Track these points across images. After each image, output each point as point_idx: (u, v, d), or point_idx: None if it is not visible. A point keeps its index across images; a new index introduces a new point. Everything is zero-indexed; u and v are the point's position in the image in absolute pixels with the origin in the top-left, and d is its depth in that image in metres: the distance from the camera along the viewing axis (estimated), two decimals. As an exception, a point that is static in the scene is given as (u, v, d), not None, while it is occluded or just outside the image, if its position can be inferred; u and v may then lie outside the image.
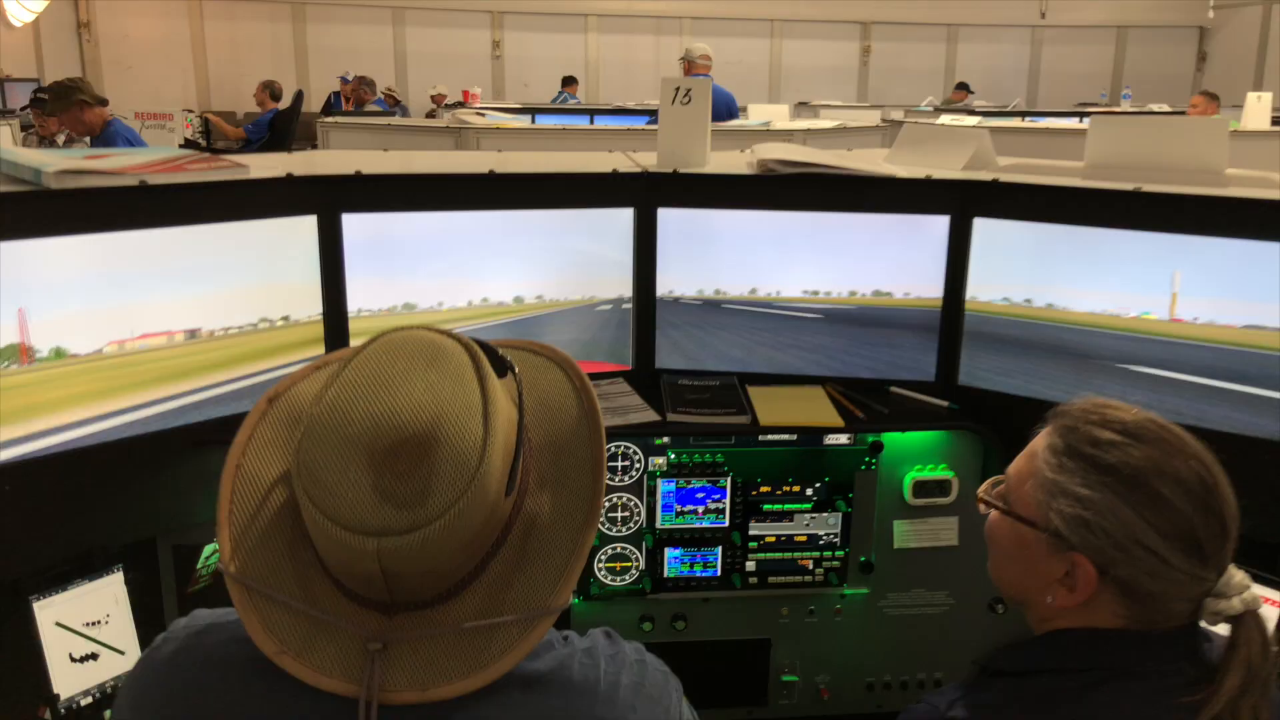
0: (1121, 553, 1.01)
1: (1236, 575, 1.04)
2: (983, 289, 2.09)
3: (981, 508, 1.17)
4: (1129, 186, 1.92)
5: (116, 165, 1.76)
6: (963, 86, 12.47)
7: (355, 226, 1.96)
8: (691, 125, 2.25)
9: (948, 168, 2.26)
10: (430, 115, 11.26)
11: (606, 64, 13.93)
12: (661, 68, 14.06)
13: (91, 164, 1.72)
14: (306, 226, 1.92)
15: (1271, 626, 1.18)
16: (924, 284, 2.13)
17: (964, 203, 2.08)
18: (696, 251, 2.16)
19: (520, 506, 0.97)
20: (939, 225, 2.10)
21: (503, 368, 0.98)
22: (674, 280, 2.18)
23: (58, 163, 1.67)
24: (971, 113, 8.19)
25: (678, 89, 2.24)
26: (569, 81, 12.36)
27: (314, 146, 8.95)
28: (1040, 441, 1.10)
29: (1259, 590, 1.67)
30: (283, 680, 0.91)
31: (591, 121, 6.64)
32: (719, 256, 2.16)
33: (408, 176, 2.03)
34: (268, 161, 2.07)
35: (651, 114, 6.82)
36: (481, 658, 0.92)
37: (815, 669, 2.17)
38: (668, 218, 2.15)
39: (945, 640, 2.17)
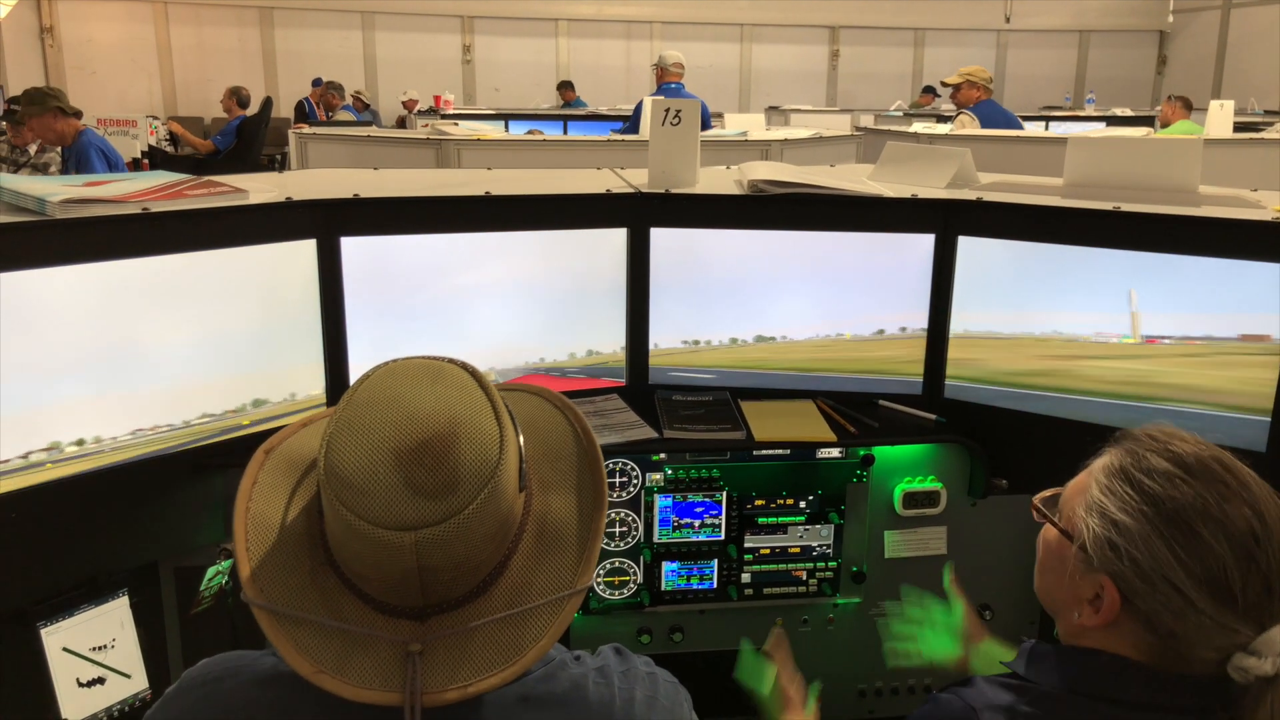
0: (1147, 585, 1.00)
1: None
2: (968, 316, 2.15)
3: (1035, 515, 1.17)
4: (1108, 206, 1.99)
5: (118, 192, 1.77)
6: (930, 90, 12.62)
7: (352, 247, 1.98)
8: (681, 146, 2.28)
9: (931, 186, 2.32)
10: (401, 120, 11.23)
11: (577, 68, 13.94)
12: (632, 72, 14.13)
13: (94, 192, 1.73)
14: (305, 249, 1.93)
15: None
16: (911, 303, 2.18)
17: (948, 221, 2.14)
18: (688, 272, 2.20)
19: (529, 507, 1.03)
20: (924, 243, 2.16)
21: None
22: (664, 297, 2.22)
23: (61, 191, 1.67)
24: (941, 118, 8.31)
25: (667, 110, 2.27)
26: (566, 86, 12.35)
27: (284, 154, 8.89)
28: (1101, 460, 1.11)
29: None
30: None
31: (565, 130, 6.68)
32: (710, 276, 2.20)
33: (405, 199, 2.05)
34: (264, 183, 2.08)
35: (623, 119, 6.86)
36: (517, 644, 0.96)
37: (809, 677, 2.21)
38: (660, 237, 2.19)
39: None
